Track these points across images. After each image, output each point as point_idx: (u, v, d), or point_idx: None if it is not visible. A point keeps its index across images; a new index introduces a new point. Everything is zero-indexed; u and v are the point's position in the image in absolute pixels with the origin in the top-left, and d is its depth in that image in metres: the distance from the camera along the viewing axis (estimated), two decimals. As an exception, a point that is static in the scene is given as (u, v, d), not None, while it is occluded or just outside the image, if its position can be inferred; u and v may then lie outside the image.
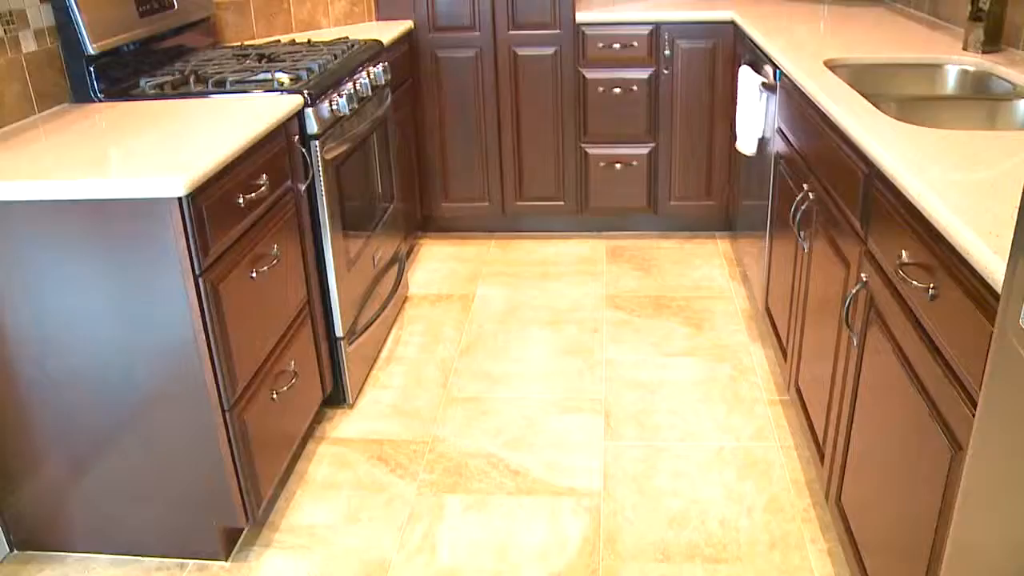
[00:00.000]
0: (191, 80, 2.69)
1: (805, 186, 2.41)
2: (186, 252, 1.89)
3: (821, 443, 2.26)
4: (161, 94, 2.61)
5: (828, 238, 2.19)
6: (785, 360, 2.71)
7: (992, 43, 2.68)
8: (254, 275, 2.17)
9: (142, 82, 2.67)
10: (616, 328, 3.34)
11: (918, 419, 1.55)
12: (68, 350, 2.01)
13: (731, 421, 2.75)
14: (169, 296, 1.93)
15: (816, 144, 2.31)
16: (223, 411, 2.07)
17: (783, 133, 2.73)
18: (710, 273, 3.77)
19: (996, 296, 1.22)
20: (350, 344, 2.86)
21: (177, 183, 1.81)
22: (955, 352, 1.38)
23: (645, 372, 3.03)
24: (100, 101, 2.58)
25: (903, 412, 1.63)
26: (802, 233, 2.45)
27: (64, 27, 2.51)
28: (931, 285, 1.47)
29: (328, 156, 2.62)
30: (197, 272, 1.92)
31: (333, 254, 2.68)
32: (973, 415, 1.31)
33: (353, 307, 2.89)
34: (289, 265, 2.43)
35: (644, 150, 3.98)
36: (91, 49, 2.53)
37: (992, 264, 1.21)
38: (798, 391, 2.54)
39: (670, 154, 3.99)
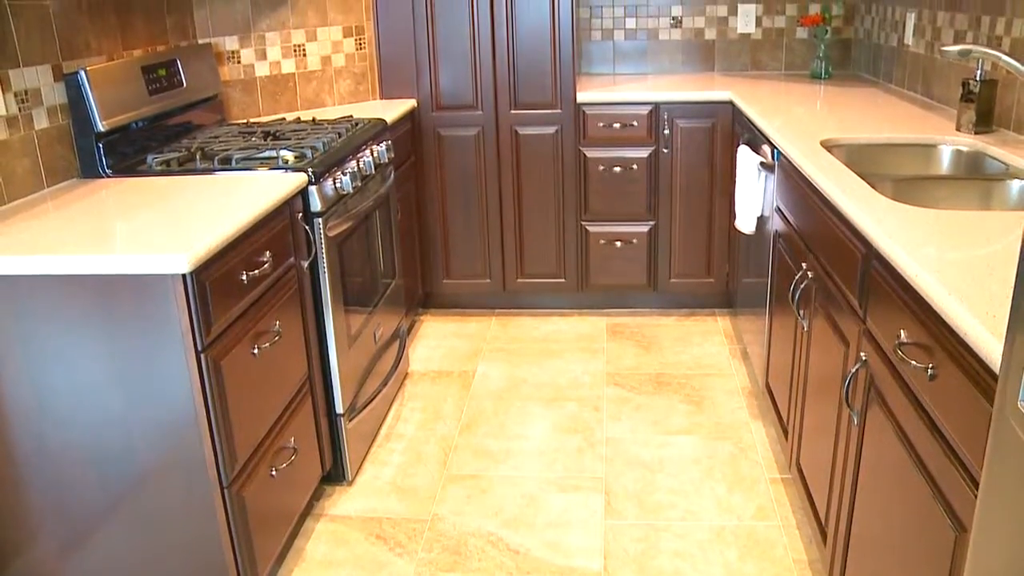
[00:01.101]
0: (197, 157, 2.74)
1: (804, 265, 2.43)
2: (189, 328, 1.90)
3: (823, 522, 2.24)
4: (168, 170, 2.65)
5: (827, 316, 2.20)
6: (786, 438, 2.70)
7: (984, 124, 2.73)
8: (256, 351, 2.18)
9: (149, 158, 2.71)
10: (616, 406, 3.33)
11: (920, 499, 1.54)
12: (67, 424, 2.00)
13: (732, 500, 2.73)
14: (170, 372, 1.93)
15: (814, 223, 2.34)
16: (222, 488, 2.05)
17: (782, 212, 2.76)
18: (710, 350, 3.77)
19: (995, 377, 1.23)
20: (350, 420, 2.85)
21: (181, 260, 1.83)
22: (956, 432, 1.38)
23: (646, 450, 3.02)
24: (108, 177, 2.62)
25: (905, 492, 1.62)
26: (801, 311, 2.46)
27: (76, 104, 2.56)
28: (930, 365, 1.48)
29: (331, 233, 2.65)
30: (199, 348, 1.92)
31: (335, 330, 2.69)
32: (976, 496, 1.30)
33: (354, 383, 2.89)
34: (291, 341, 2.44)
35: (644, 228, 4.02)
36: (101, 126, 2.58)
37: (990, 345, 1.21)
38: (799, 470, 2.53)
39: (670, 232, 4.02)
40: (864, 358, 1.87)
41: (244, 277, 2.10)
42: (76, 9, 2.63)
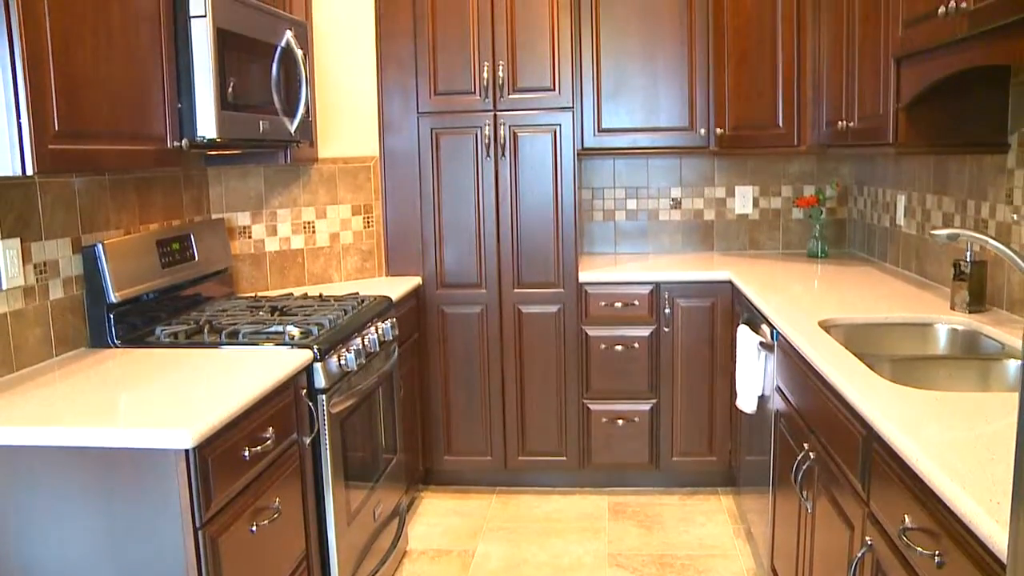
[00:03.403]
0: (205, 330, 2.78)
1: (805, 445, 2.42)
2: (188, 505, 1.88)
3: None
4: (175, 343, 2.69)
5: (830, 498, 2.18)
6: (794, 625, 2.62)
7: (977, 303, 2.78)
8: (254, 528, 2.15)
9: (158, 330, 2.75)
10: (619, 587, 3.24)
11: None
12: (57, 603, 1.96)
13: None
14: (166, 548, 1.90)
15: (814, 404, 2.35)
16: (211, 672, 1.98)
17: (782, 392, 2.78)
18: (714, 531, 3.70)
19: (1004, 567, 1.21)
20: (345, 600, 2.77)
21: (184, 436, 1.84)
22: (966, 623, 1.35)
23: (650, 636, 2.92)
24: (116, 347, 2.65)
25: None
26: (804, 492, 2.43)
27: (91, 276, 2.63)
28: (937, 552, 1.46)
29: (334, 410, 2.66)
30: (197, 525, 1.90)
31: (334, 508, 2.66)
32: None
33: (352, 562, 2.82)
34: (289, 519, 2.40)
35: (646, 406, 4.02)
36: (113, 298, 2.63)
37: (996, 535, 1.21)
38: (809, 660, 2.44)
39: (671, 410, 4.02)
40: (870, 543, 1.84)
41: (246, 453, 2.10)
42: (99, 186, 2.73)
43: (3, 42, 1.88)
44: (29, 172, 1.91)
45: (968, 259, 2.80)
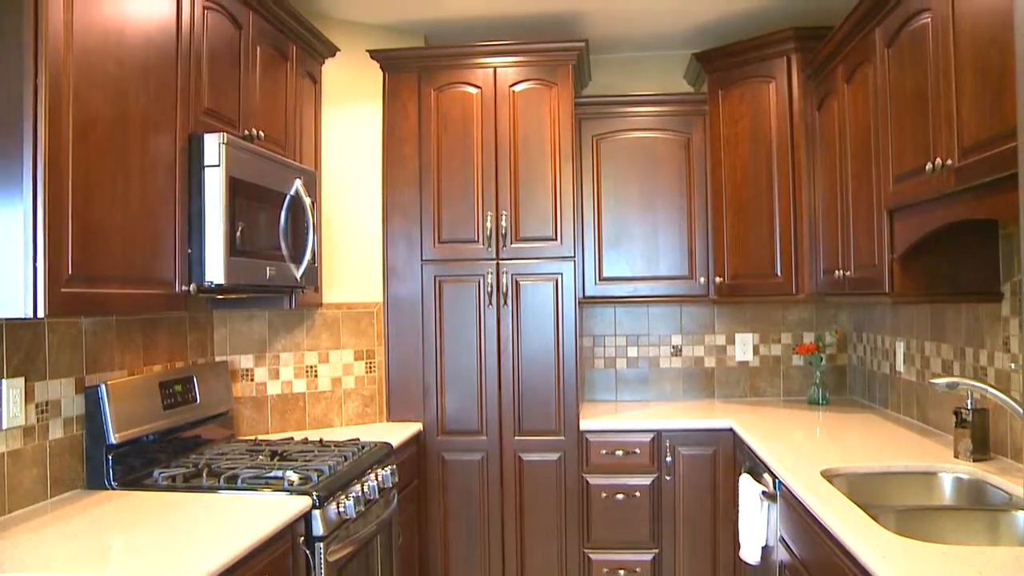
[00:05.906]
0: (204, 474, 2.75)
1: (812, 599, 2.37)
2: (177, 657, 1.83)
3: None
4: (173, 486, 2.66)
5: (840, 656, 2.11)
6: None
7: (981, 451, 2.76)
8: None
9: (156, 473, 2.73)
10: None
11: None
12: None
13: None
14: None
15: (819, 556, 2.31)
16: None
17: (786, 542, 2.73)
18: None
19: None
20: None
21: (178, 585, 1.81)
22: None
23: None
24: (112, 489, 2.63)
25: None
26: (813, 649, 2.36)
27: (92, 417, 2.63)
28: None
29: (331, 558, 2.60)
30: (186, 677, 1.84)
31: (327, 660, 2.58)
32: None
33: None
34: (280, 671, 2.33)
35: (647, 556, 3.94)
36: (113, 439, 2.63)
37: None
38: None
39: (674, 560, 3.94)
40: None
41: (240, 603, 2.06)
42: (106, 327, 2.77)
43: (27, 190, 1.95)
44: (40, 315, 1.94)
45: (969, 407, 2.80)
